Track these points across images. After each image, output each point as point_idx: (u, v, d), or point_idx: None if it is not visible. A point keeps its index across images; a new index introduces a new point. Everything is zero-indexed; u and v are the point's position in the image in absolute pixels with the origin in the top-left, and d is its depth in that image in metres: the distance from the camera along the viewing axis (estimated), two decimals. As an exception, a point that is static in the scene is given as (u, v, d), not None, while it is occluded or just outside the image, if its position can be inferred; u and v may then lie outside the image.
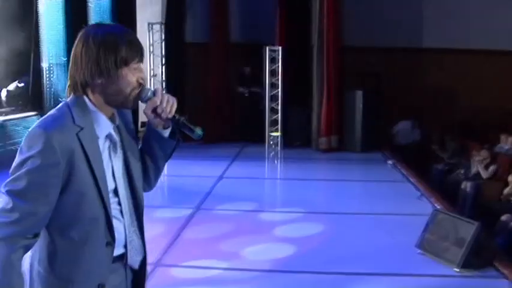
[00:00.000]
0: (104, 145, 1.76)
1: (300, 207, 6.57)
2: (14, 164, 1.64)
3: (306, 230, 5.76)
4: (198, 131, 1.79)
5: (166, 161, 1.93)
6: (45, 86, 9.84)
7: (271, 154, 10.02)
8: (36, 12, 9.14)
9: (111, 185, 1.76)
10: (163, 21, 11.17)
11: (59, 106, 1.75)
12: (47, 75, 9.93)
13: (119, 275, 1.83)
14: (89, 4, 9.79)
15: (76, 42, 1.72)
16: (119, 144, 1.82)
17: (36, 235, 1.67)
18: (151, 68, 11.03)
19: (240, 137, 10.80)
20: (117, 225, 1.77)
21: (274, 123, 10.48)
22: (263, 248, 5.20)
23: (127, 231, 1.81)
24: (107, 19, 10.49)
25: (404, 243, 5.12)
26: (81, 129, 1.68)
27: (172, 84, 11.01)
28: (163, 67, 11.18)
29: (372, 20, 10.69)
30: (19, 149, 1.66)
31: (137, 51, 1.74)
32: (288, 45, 10.57)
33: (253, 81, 11.13)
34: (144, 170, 1.92)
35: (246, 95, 11.25)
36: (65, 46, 10.08)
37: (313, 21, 10.53)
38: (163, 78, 11.15)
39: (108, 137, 1.78)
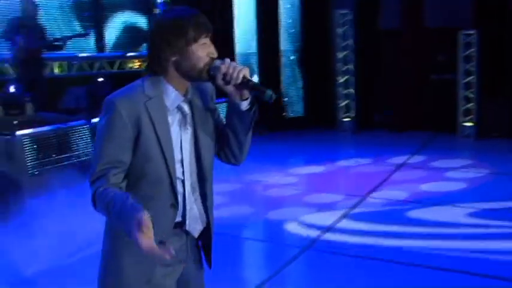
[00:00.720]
0: (174, 117, 1.95)
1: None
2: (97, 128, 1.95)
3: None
4: (269, 92, 1.87)
5: (247, 134, 2.02)
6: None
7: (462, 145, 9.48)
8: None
9: (177, 155, 1.93)
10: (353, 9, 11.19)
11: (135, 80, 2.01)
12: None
13: (179, 240, 2.02)
14: None
15: (152, 26, 1.96)
16: (189, 118, 1.98)
17: (123, 176, 1.90)
18: (341, 57, 11.15)
19: (430, 126, 10.39)
20: (179, 195, 1.95)
21: (467, 112, 9.90)
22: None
23: (187, 201, 1.98)
24: (295, 11, 10.99)
25: None
26: (150, 98, 1.88)
27: (364, 73, 11.04)
28: (355, 55, 11.20)
29: None
30: None
31: (204, 29, 1.91)
32: (484, 29, 9.79)
33: (446, 68, 10.57)
34: (228, 145, 2.06)
35: (439, 82, 10.75)
36: (255, 37, 10.81)
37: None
38: (354, 66, 11.18)
39: (179, 109, 1.96)
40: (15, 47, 7.05)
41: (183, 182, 1.97)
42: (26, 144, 6.57)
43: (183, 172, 1.97)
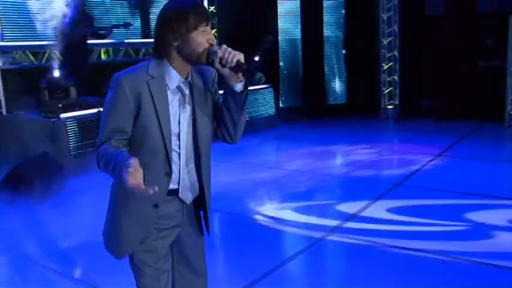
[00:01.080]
0: (174, 96, 2.16)
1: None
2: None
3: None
4: (258, 74, 2.06)
5: (241, 113, 2.21)
6: (279, 60, 10.73)
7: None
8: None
9: (175, 130, 2.15)
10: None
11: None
12: (281, 51, 10.80)
13: (174, 205, 2.24)
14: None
15: (159, 14, 2.14)
16: (188, 97, 2.19)
17: (124, 143, 2.14)
18: (385, 43, 10.98)
19: (477, 115, 10.12)
20: (174, 164, 2.16)
21: (516, 101, 9.58)
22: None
23: (181, 171, 2.19)
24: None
25: None
26: (152, 78, 2.10)
27: (409, 60, 10.85)
28: (399, 42, 11.00)
29: None
30: None
31: (203, 17, 2.09)
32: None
33: (495, 55, 10.25)
34: (223, 124, 2.25)
35: (487, 69, 10.43)
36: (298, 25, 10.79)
37: None
38: (399, 53, 10.99)
39: (179, 89, 2.16)
40: (61, 34, 7.33)
41: (179, 154, 2.17)
42: (70, 126, 6.86)
43: (179, 146, 2.17)
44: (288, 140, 9.37)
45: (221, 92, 2.26)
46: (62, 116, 6.83)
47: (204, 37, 2.09)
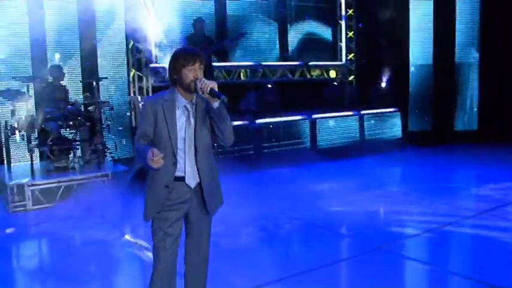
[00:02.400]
0: (182, 113, 3.08)
1: None
2: None
3: None
4: (223, 98, 2.92)
5: (221, 123, 3.03)
6: (409, 84, 10.86)
7: None
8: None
9: (181, 135, 3.06)
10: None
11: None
12: (411, 75, 10.91)
13: (182, 188, 3.10)
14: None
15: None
16: (192, 114, 3.09)
17: (148, 142, 3.10)
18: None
19: None
20: (179, 158, 3.07)
21: None
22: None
23: (186, 164, 3.08)
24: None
25: None
26: (166, 100, 3.07)
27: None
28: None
29: None
30: None
31: (190, 60, 2.99)
32: None
33: None
34: (214, 131, 3.09)
35: None
36: (430, 49, 10.83)
37: None
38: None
39: (185, 108, 3.08)
40: None
41: (184, 151, 3.07)
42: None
43: (184, 145, 3.07)
44: (411, 163, 9.46)
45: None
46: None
47: (190, 73, 2.98)
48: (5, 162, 7.42)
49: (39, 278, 4.60)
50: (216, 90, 2.94)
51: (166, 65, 3.19)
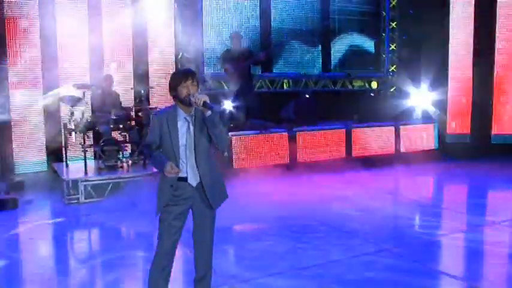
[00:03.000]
0: (183, 123, 3.56)
1: None
2: None
3: None
4: (213, 109, 3.38)
5: (215, 130, 3.46)
6: (447, 96, 11.02)
7: None
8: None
9: (183, 142, 3.56)
10: None
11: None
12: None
13: (185, 187, 3.59)
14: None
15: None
16: (191, 124, 3.57)
17: (157, 148, 3.61)
18: None
19: None
20: (182, 161, 3.57)
21: None
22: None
23: (187, 166, 3.58)
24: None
25: None
26: (169, 114, 3.58)
27: None
28: None
29: None
30: None
31: (184, 78, 3.50)
32: None
33: None
34: (210, 138, 3.55)
35: None
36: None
37: None
38: None
39: (185, 119, 3.56)
40: (227, 72, 9.22)
41: (186, 156, 3.57)
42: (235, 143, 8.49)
43: (185, 151, 3.57)
44: (447, 175, 9.67)
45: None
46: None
47: (185, 89, 3.47)
48: (63, 160, 8.26)
49: (86, 260, 5.30)
50: (208, 102, 3.41)
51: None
